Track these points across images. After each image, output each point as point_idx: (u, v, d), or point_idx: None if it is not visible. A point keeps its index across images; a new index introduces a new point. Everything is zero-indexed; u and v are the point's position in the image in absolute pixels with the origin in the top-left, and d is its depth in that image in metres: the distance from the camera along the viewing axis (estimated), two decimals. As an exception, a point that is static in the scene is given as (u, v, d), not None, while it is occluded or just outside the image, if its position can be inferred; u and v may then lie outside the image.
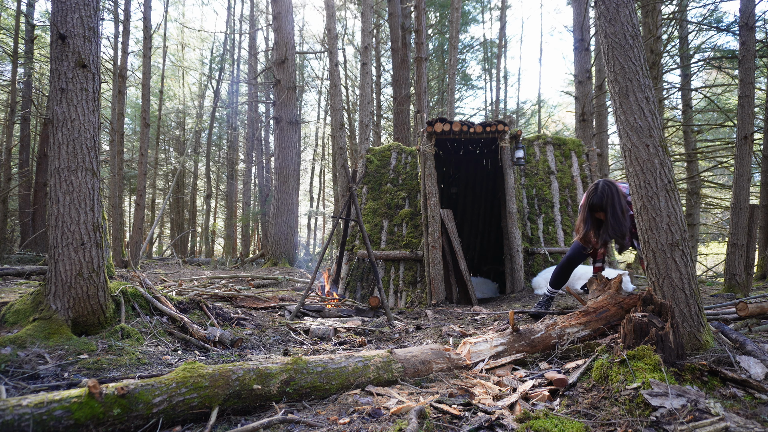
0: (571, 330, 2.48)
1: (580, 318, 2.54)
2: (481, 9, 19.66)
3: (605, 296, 2.71)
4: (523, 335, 2.44)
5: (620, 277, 2.82)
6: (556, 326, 2.51)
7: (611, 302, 2.65)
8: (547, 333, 2.48)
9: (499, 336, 2.46)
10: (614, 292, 2.74)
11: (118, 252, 9.27)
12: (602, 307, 2.61)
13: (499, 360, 2.33)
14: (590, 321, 2.53)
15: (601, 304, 2.65)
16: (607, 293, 2.74)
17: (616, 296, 2.70)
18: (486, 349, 2.38)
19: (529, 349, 2.42)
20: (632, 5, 2.33)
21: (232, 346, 3.00)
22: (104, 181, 12.53)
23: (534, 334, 2.47)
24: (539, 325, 2.55)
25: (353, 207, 4.86)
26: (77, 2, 2.80)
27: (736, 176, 4.59)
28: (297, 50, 17.35)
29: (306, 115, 24.30)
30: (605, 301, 2.66)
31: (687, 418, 1.42)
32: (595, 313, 2.57)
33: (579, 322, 2.52)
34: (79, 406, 1.41)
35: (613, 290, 2.77)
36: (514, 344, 2.41)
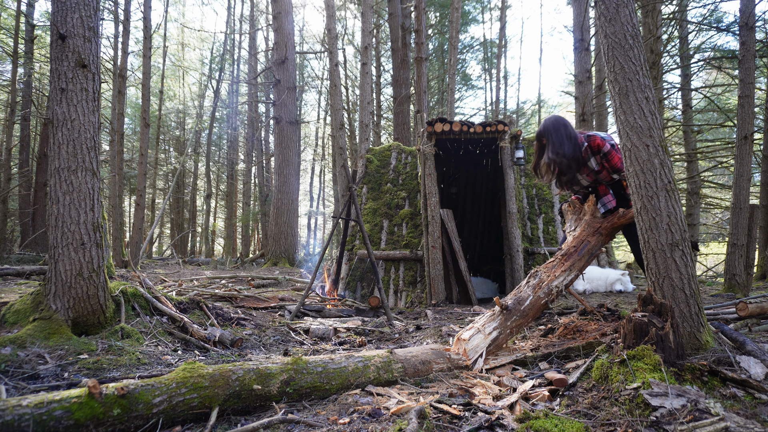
0: (558, 281, 2.43)
1: (564, 263, 2.48)
2: (481, 9, 19.66)
3: (582, 226, 2.62)
4: (512, 310, 2.38)
5: (593, 199, 2.72)
6: (543, 283, 2.44)
7: (590, 231, 2.56)
8: (535, 295, 2.40)
9: (490, 321, 2.39)
10: (590, 218, 2.64)
11: (118, 252, 9.27)
12: (582, 242, 2.53)
13: (499, 360, 2.33)
14: (574, 262, 2.46)
15: (581, 238, 2.56)
16: (584, 221, 2.65)
17: (593, 223, 2.61)
18: (481, 341, 2.32)
19: (523, 321, 2.36)
20: (632, 5, 2.33)
21: (232, 346, 3.00)
22: (104, 181, 12.54)
23: (523, 303, 2.40)
24: (526, 290, 2.47)
25: (353, 207, 4.86)
26: (77, 2, 2.80)
27: (736, 176, 4.59)
28: (297, 50, 17.34)
29: (306, 115, 24.31)
30: (584, 233, 2.57)
31: (687, 418, 1.42)
32: (577, 252, 2.50)
33: (564, 269, 2.46)
34: (79, 406, 1.41)
35: (588, 216, 2.66)
36: (507, 323, 2.36)
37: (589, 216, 2.71)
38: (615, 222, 2.79)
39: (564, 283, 2.48)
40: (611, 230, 2.78)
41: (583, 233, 2.64)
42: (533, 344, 2.65)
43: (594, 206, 2.79)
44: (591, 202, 2.78)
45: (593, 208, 2.76)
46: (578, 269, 2.54)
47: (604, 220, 2.73)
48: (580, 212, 2.79)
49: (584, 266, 2.65)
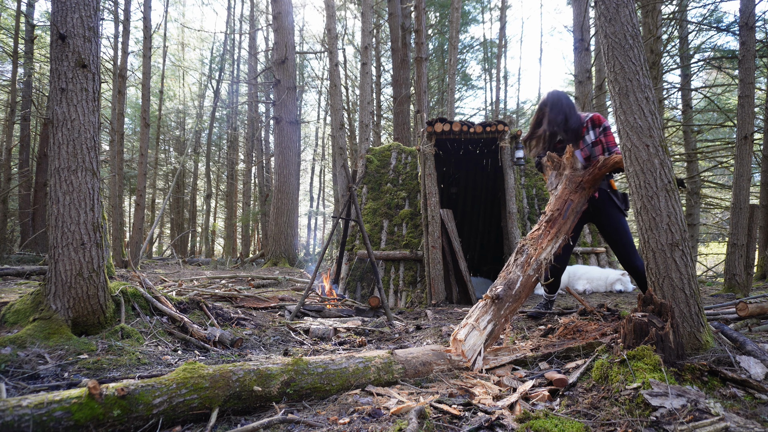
0: (546, 252, 2.34)
1: (549, 231, 2.40)
2: (481, 9, 19.67)
3: (563, 183, 2.51)
4: (504, 298, 2.33)
5: (570, 149, 2.60)
6: (531, 259, 2.37)
7: (572, 188, 2.44)
8: (525, 275, 2.34)
9: (483, 314, 2.35)
10: (570, 172, 2.54)
11: (118, 252, 9.27)
12: (565, 202, 2.43)
13: (499, 359, 2.33)
14: (560, 227, 2.38)
15: (563, 197, 2.46)
16: (565, 177, 2.53)
17: (574, 177, 2.51)
18: (477, 338, 2.29)
19: (517, 304, 2.30)
20: (632, 5, 2.33)
21: (232, 346, 3.00)
22: (104, 181, 12.53)
23: (514, 285, 2.32)
24: (515, 271, 2.39)
25: (353, 207, 4.86)
26: (77, 2, 2.80)
27: (736, 176, 4.59)
28: (297, 50, 17.34)
29: (306, 115, 24.31)
30: (565, 191, 2.47)
31: (687, 418, 1.42)
32: (561, 215, 2.40)
33: (550, 237, 2.38)
34: (79, 406, 1.41)
35: (569, 169, 2.54)
36: (500, 312, 2.31)
37: (569, 170, 2.57)
38: (596, 172, 2.68)
39: (553, 252, 2.38)
40: (593, 182, 2.67)
41: (564, 191, 2.51)
42: (533, 344, 2.65)
43: (572, 157, 2.64)
44: (569, 154, 2.65)
45: (572, 159, 2.63)
46: (565, 232, 2.43)
47: (585, 171, 2.61)
48: (559, 166, 2.67)
49: (570, 227, 2.53)
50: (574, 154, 2.74)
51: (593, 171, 2.63)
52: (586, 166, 2.93)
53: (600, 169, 2.69)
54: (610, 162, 2.68)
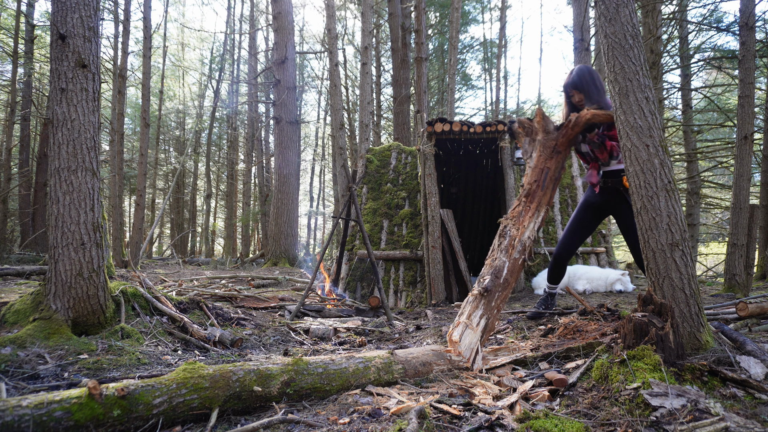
0: (529, 230, 2.28)
1: (529, 206, 2.33)
2: (481, 9, 19.66)
3: (538, 150, 2.40)
4: (492, 289, 2.28)
5: (540, 111, 2.48)
6: (515, 240, 2.30)
7: (547, 154, 2.34)
8: (511, 259, 2.28)
9: (474, 309, 2.32)
10: (543, 136, 2.41)
11: (118, 252, 9.27)
12: (542, 171, 2.34)
13: (499, 359, 2.33)
14: (540, 200, 2.31)
15: (539, 167, 2.37)
16: (538, 143, 2.41)
17: (547, 142, 2.39)
18: (472, 336, 2.28)
19: (507, 292, 2.27)
20: (632, 5, 2.33)
21: (232, 346, 3.00)
22: (104, 181, 12.53)
23: (501, 273, 2.26)
24: (500, 257, 2.33)
25: (353, 207, 4.86)
26: (77, 2, 2.80)
27: (736, 176, 4.59)
28: (297, 50, 17.33)
29: (306, 115, 24.31)
30: (541, 159, 2.37)
31: (687, 418, 1.42)
32: (539, 186, 2.31)
33: (531, 213, 2.32)
34: (79, 407, 1.41)
35: (541, 134, 2.41)
36: (491, 304, 2.27)
37: (542, 134, 2.46)
38: (569, 132, 2.53)
39: (536, 228, 2.32)
40: (568, 144, 2.55)
41: (540, 159, 2.40)
42: (533, 344, 2.65)
43: (543, 120, 2.51)
44: (539, 117, 2.53)
45: (543, 122, 2.50)
46: (546, 204, 2.36)
47: (558, 134, 2.49)
48: (531, 132, 2.54)
49: (551, 197, 2.45)
50: (545, 116, 2.61)
51: (566, 132, 2.51)
52: (591, 153, 2.83)
53: (573, 128, 2.55)
54: (582, 120, 2.54)
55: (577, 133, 2.57)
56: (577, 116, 2.55)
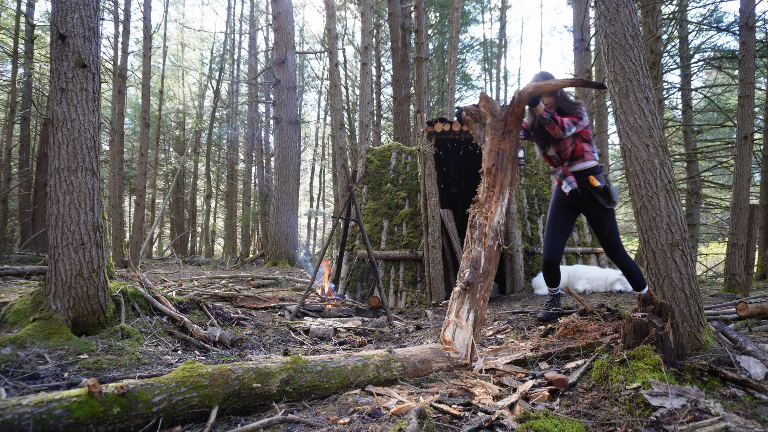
0: (498, 215, 2.30)
1: (492, 191, 2.36)
2: (481, 9, 19.66)
3: (489, 133, 2.39)
4: (473, 282, 2.29)
5: (483, 95, 2.49)
6: (485, 228, 2.32)
7: (498, 136, 2.32)
8: (486, 247, 2.29)
9: (461, 306, 2.31)
10: (492, 120, 2.37)
11: (118, 252, 9.27)
12: (497, 153, 2.33)
13: (498, 359, 2.33)
14: (502, 182, 2.32)
15: (494, 149, 2.36)
16: (489, 126, 2.39)
17: (496, 124, 2.36)
18: (463, 332, 2.28)
19: (490, 280, 2.30)
20: (632, 5, 2.33)
21: (232, 346, 3.00)
22: (104, 181, 12.53)
23: (479, 264, 2.28)
24: (475, 248, 2.33)
25: (353, 207, 4.86)
26: (77, 2, 2.80)
27: (736, 176, 4.59)
28: (297, 50, 17.34)
29: (306, 115, 24.30)
30: (494, 142, 2.35)
31: (687, 418, 1.42)
32: (498, 169, 2.33)
33: (496, 198, 2.35)
34: (78, 405, 1.41)
35: (489, 117, 2.37)
36: (476, 296, 2.29)
37: (490, 118, 2.43)
38: (516, 109, 2.49)
39: (504, 211, 2.33)
40: (517, 122, 2.53)
41: (493, 143, 2.39)
42: (533, 344, 2.65)
43: (488, 103, 2.48)
44: (483, 100, 2.50)
45: (489, 106, 2.46)
46: (509, 185, 2.36)
47: (506, 113, 2.47)
48: (479, 117, 2.53)
49: (513, 177, 2.46)
50: (489, 99, 2.59)
51: (513, 109, 2.49)
52: (559, 153, 2.91)
53: (518, 104, 2.51)
54: (525, 93, 2.50)
55: (524, 108, 2.56)
56: (520, 90, 2.52)
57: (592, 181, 2.92)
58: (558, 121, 2.82)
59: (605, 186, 2.90)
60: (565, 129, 2.83)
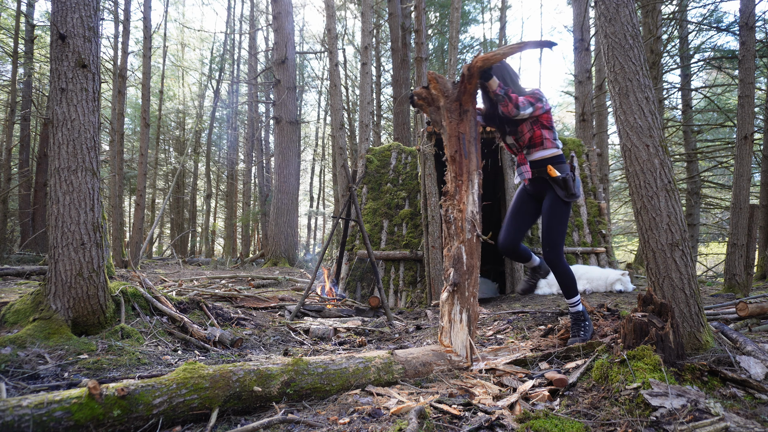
0: (471, 205, 2.27)
1: (460, 179, 2.32)
2: (481, 9, 19.65)
3: (446, 118, 2.33)
4: (460, 282, 2.27)
5: (431, 75, 2.39)
6: (460, 222, 2.28)
7: (455, 118, 2.26)
8: (465, 241, 2.27)
9: (452, 307, 2.29)
10: (445, 102, 2.29)
11: (118, 252, 9.27)
12: (458, 138, 2.29)
13: (499, 359, 2.33)
14: (469, 168, 2.30)
15: (454, 134, 2.32)
16: (443, 109, 2.34)
17: (450, 105, 2.29)
18: (460, 333, 2.26)
19: (474, 276, 2.27)
20: (632, 5, 2.33)
21: (232, 346, 3.00)
22: (104, 181, 12.54)
23: (462, 260, 2.24)
24: (455, 245, 2.30)
25: (353, 207, 4.86)
26: (77, 2, 2.80)
27: (736, 176, 4.59)
28: (297, 50, 17.34)
29: (306, 115, 24.29)
30: (452, 126, 2.30)
31: (687, 418, 1.42)
32: (461, 154, 2.28)
33: (466, 187, 2.31)
34: (79, 407, 1.41)
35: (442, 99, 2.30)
36: (466, 293, 2.27)
37: (443, 99, 2.34)
38: (469, 86, 2.37)
39: (476, 198, 2.27)
40: (471, 98, 2.42)
41: (451, 126, 2.30)
42: (533, 344, 2.65)
43: (438, 83, 2.37)
44: (433, 81, 2.39)
45: (440, 86, 2.36)
46: (476, 169, 2.29)
47: (458, 91, 2.35)
48: (432, 101, 2.43)
49: (479, 161, 2.39)
50: (440, 78, 2.45)
51: (465, 86, 2.38)
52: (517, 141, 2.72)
53: (470, 79, 2.38)
54: (475, 68, 2.37)
55: (476, 84, 2.44)
56: (469, 65, 2.38)
57: (550, 170, 2.71)
58: (512, 98, 2.61)
59: (564, 177, 2.67)
60: (519, 107, 2.60)
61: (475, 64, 2.34)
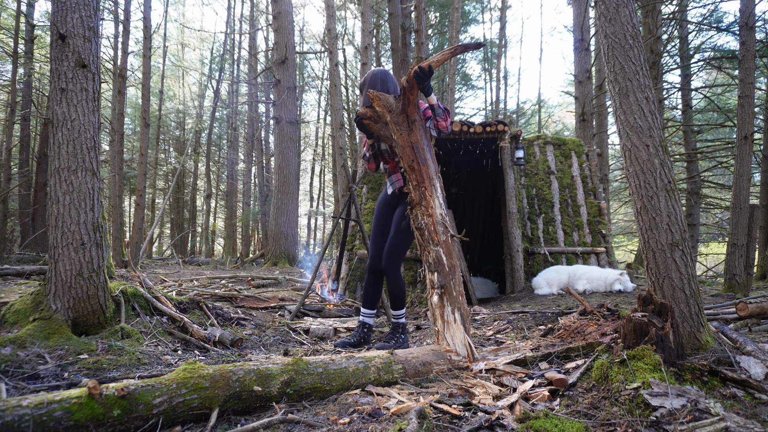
0: (438, 208, 2.33)
1: (423, 187, 2.38)
2: (481, 9, 19.66)
3: (396, 132, 2.37)
4: (446, 283, 2.29)
5: (373, 92, 2.44)
6: (432, 226, 2.31)
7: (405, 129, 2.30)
8: (440, 244, 2.29)
9: (443, 310, 2.31)
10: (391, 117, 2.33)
11: (118, 252, 9.27)
12: (412, 147, 2.33)
13: (499, 359, 2.33)
14: (429, 174, 2.35)
15: (407, 144, 2.35)
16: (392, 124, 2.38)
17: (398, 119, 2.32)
18: (456, 333, 2.28)
19: (458, 274, 2.31)
20: (632, 5, 2.33)
21: (232, 346, 3.00)
22: (104, 181, 12.54)
23: (442, 262, 2.27)
24: (433, 248, 2.32)
25: (353, 207, 4.86)
26: (77, 2, 2.80)
27: (736, 176, 4.59)
28: (297, 50, 17.34)
29: (306, 115, 24.30)
30: (403, 137, 2.33)
31: (687, 418, 1.42)
32: (419, 161, 2.32)
33: (430, 192, 2.38)
34: (79, 407, 1.41)
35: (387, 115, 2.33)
36: (453, 293, 2.30)
37: (389, 114, 2.37)
38: (410, 98, 2.39)
39: (442, 200, 2.32)
40: (416, 107, 2.45)
41: (403, 138, 2.34)
42: (533, 344, 2.65)
43: (381, 100, 2.40)
44: (375, 99, 2.42)
45: (382, 102, 2.39)
46: (435, 174, 2.34)
47: (401, 104, 2.37)
48: (378, 118, 2.46)
49: (436, 167, 2.43)
50: (381, 95, 2.46)
51: (407, 98, 2.38)
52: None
53: (411, 91, 2.38)
54: (412, 79, 2.36)
55: (417, 92, 2.45)
56: (407, 76, 2.39)
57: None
58: (449, 113, 2.66)
59: None
60: (450, 124, 2.67)
61: (412, 71, 2.36)
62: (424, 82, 2.41)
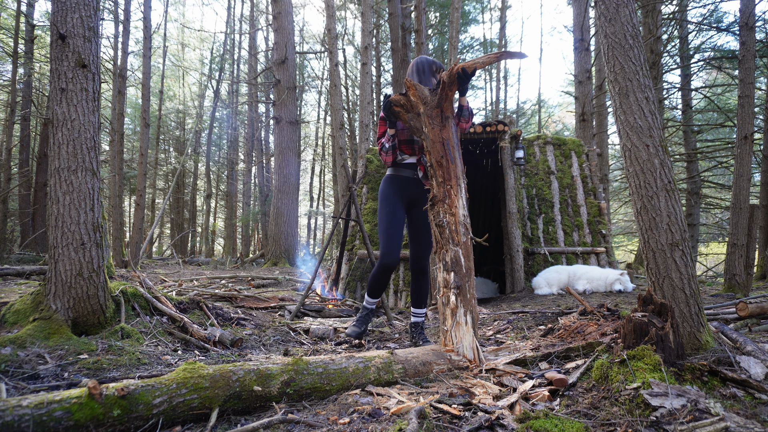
0: (461, 209, 2.33)
1: (449, 185, 2.38)
2: (481, 9, 19.67)
3: (427, 124, 2.37)
4: (461, 284, 2.29)
5: (409, 80, 2.45)
6: (454, 226, 2.30)
7: (438, 124, 2.30)
8: (461, 244, 2.29)
9: (456, 310, 2.31)
10: (425, 108, 2.31)
11: (118, 252, 9.27)
12: (442, 143, 2.33)
13: (499, 359, 2.33)
14: (457, 173, 2.36)
15: (438, 140, 2.36)
16: (424, 116, 2.37)
17: (432, 112, 2.32)
18: (466, 335, 2.28)
19: (471, 276, 2.32)
20: (632, 5, 2.33)
21: (232, 346, 3.00)
22: (104, 181, 12.54)
23: (460, 262, 2.27)
24: (452, 248, 2.32)
25: (353, 207, 4.86)
26: (77, 2, 2.80)
27: (736, 176, 4.59)
28: (297, 50, 17.34)
29: (306, 115, 24.30)
30: (435, 132, 2.33)
31: (687, 418, 1.42)
32: (448, 159, 2.33)
33: (455, 191, 2.38)
34: (79, 407, 1.41)
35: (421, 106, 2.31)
36: (467, 296, 2.30)
37: (422, 106, 2.33)
38: (447, 92, 2.36)
39: (465, 203, 2.31)
40: (451, 103, 2.42)
41: (434, 133, 2.30)
42: (533, 344, 2.65)
43: (417, 90, 2.37)
44: (411, 87, 2.38)
45: (418, 92, 2.35)
46: (462, 173, 2.31)
47: (437, 98, 2.33)
48: (412, 107, 2.42)
49: (463, 167, 2.40)
50: (418, 86, 2.43)
51: (445, 94, 2.34)
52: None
53: (450, 87, 2.35)
54: (454, 76, 2.33)
55: (455, 90, 2.42)
56: (449, 72, 2.35)
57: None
58: (473, 114, 2.69)
59: None
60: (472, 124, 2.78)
61: (455, 69, 2.33)
62: (465, 84, 2.42)
